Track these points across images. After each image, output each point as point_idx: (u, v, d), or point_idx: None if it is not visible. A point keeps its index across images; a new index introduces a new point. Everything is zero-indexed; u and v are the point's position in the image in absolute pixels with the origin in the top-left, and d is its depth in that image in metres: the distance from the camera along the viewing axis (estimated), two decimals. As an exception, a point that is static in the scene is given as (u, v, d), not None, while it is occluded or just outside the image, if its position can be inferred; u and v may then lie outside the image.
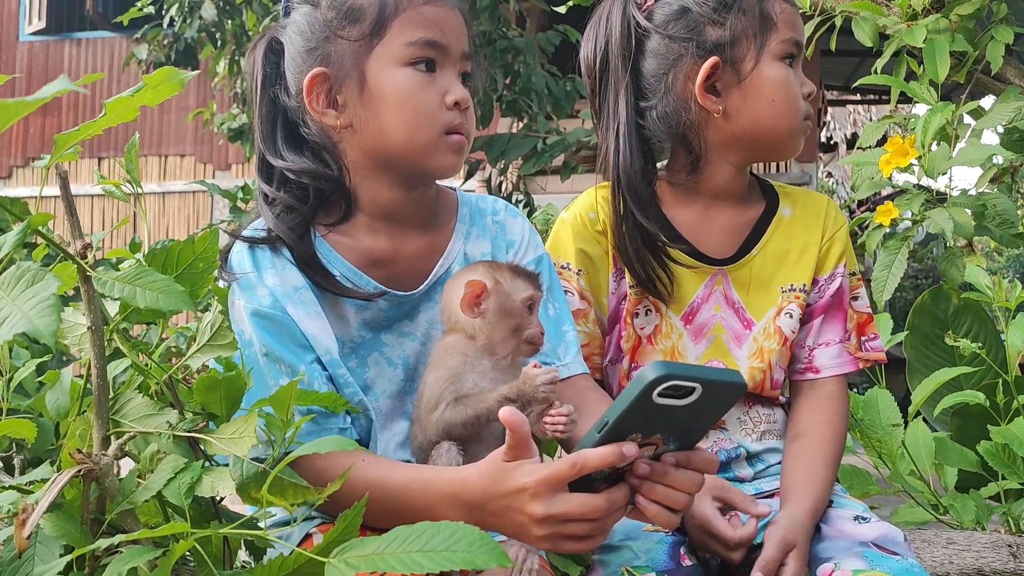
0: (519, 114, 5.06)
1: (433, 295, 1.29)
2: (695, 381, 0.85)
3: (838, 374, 1.43)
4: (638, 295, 1.40)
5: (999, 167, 2.21)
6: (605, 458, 0.88)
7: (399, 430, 1.26)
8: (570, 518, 0.91)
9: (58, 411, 0.98)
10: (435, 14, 1.20)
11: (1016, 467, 1.93)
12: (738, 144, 1.37)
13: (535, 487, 0.91)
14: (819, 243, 1.44)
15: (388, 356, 1.27)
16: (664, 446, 0.91)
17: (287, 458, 0.84)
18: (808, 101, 1.38)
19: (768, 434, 1.41)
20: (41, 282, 0.72)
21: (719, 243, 1.41)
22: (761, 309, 1.41)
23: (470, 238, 1.35)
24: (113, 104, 0.79)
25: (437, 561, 0.70)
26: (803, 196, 1.49)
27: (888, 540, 1.23)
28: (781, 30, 1.34)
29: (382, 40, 1.19)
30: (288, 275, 1.21)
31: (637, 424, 0.88)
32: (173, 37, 5.66)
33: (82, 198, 9.60)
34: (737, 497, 1.22)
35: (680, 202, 1.42)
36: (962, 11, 2.19)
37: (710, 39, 1.33)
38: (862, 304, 1.47)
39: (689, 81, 1.34)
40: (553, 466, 0.91)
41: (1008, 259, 12.55)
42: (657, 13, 1.37)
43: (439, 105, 1.20)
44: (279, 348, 1.14)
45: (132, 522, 0.86)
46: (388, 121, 1.21)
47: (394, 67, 1.19)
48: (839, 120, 13.65)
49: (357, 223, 1.27)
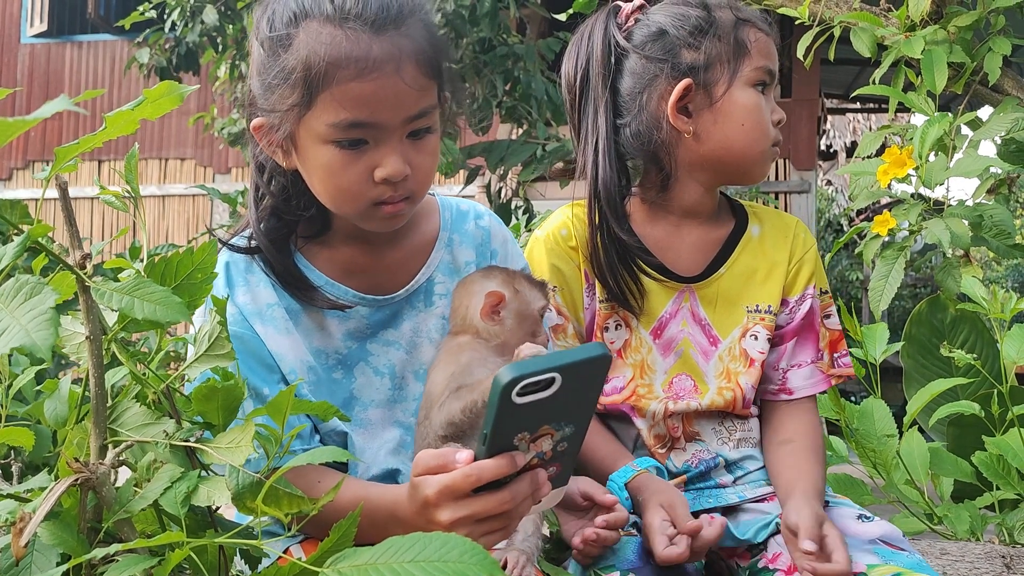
0: (519, 120, 5.08)
1: (415, 302, 1.31)
2: (550, 372, 0.84)
3: (811, 394, 1.45)
4: (608, 309, 1.42)
5: (996, 178, 2.21)
6: (500, 468, 0.90)
7: (389, 438, 1.27)
8: (480, 517, 0.93)
9: (56, 419, 0.99)
10: (364, 91, 1.09)
11: (1011, 478, 1.94)
12: (707, 165, 1.40)
13: (436, 498, 0.94)
14: (787, 264, 1.46)
15: (374, 366, 1.28)
16: (560, 432, 0.91)
17: (282, 468, 0.84)
18: (777, 128, 1.41)
19: (744, 442, 1.43)
20: (39, 295, 0.73)
21: (688, 261, 1.44)
22: (727, 327, 1.43)
23: (453, 245, 1.36)
24: (113, 118, 0.79)
25: (429, 571, 0.71)
26: (772, 216, 1.52)
27: (892, 537, 1.26)
28: (755, 57, 1.37)
29: (310, 112, 1.11)
30: (260, 292, 1.23)
31: (516, 426, 0.88)
32: (175, 41, 5.68)
33: (82, 201, 9.61)
34: (680, 516, 1.23)
35: (650, 219, 1.45)
36: (960, 22, 2.20)
37: (685, 61, 1.37)
38: (833, 322, 1.50)
39: (663, 101, 1.38)
40: (449, 477, 0.93)
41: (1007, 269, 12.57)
42: (636, 33, 1.41)
43: (366, 181, 1.14)
44: (244, 370, 1.14)
45: (129, 531, 0.86)
46: (317, 188, 1.19)
47: (319, 143, 1.13)
48: (839, 128, 13.67)
49: (335, 235, 1.28)
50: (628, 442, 1.42)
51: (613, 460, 1.35)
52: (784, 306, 1.46)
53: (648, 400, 1.40)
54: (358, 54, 1.08)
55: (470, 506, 0.93)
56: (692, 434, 1.41)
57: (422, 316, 1.31)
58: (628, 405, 1.40)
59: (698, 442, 1.41)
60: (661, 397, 1.40)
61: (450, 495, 0.93)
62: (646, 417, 1.40)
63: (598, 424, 1.42)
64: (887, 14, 2.35)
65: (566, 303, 1.43)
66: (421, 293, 1.32)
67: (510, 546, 1.13)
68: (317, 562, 0.78)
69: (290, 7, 1.12)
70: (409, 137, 1.15)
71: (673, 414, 1.40)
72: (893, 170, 2.05)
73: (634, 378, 1.41)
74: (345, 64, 1.08)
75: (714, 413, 1.42)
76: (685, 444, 1.41)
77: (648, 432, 1.40)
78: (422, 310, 1.31)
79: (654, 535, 1.21)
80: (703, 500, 1.38)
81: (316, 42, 1.09)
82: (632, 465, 1.32)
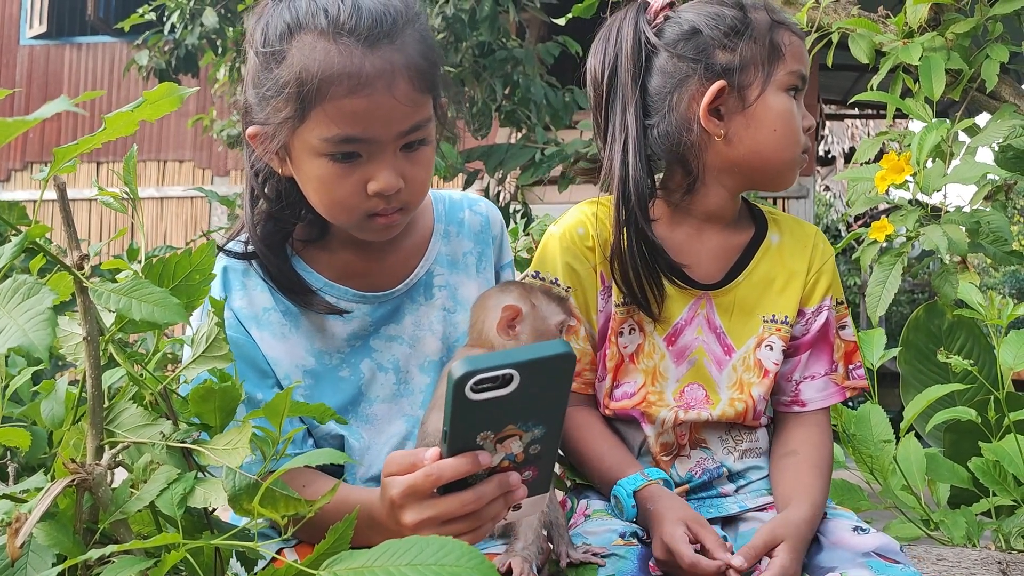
0: (518, 124, 5.08)
1: (415, 296, 1.32)
2: (505, 368, 0.81)
3: (824, 406, 1.43)
4: (624, 313, 1.40)
5: (993, 184, 2.22)
6: (460, 467, 0.88)
7: (396, 431, 1.28)
8: (444, 519, 0.91)
9: (53, 420, 0.99)
10: (357, 107, 1.09)
11: (1007, 484, 1.94)
12: (735, 169, 1.37)
13: (400, 499, 0.93)
14: (805, 274, 1.43)
15: (379, 362, 1.29)
16: (529, 434, 0.88)
17: (278, 471, 0.85)
18: (806, 135, 1.38)
19: (750, 453, 1.41)
20: (36, 295, 0.73)
21: (707, 267, 1.41)
22: (742, 337, 1.41)
23: (449, 236, 1.37)
24: (112, 119, 0.79)
25: (425, 575, 0.71)
26: (792, 224, 1.49)
27: (888, 550, 1.24)
28: (788, 62, 1.34)
29: (303, 125, 1.12)
30: (256, 296, 1.24)
31: (477, 424, 0.86)
32: (174, 43, 5.68)
33: (80, 202, 9.59)
34: (709, 537, 1.21)
35: (672, 222, 1.42)
36: (958, 29, 2.21)
37: (719, 63, 1.33)
38: (848, 333, 1.48)
39: (694, 102, 1.34)
40: (412, 477, 0.91)
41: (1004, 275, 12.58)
42: (667, 31, 1.37)
43: (359, 193, 1.15)
44: (239, 375, 1.15)
45: (125, 532, 0.86)
46: (311, 198, 1.20)
47: (312, 155, 1.14)
48: (837, 134, 13.68)
49: (332, 239, 1.29)
50: (633, 447, 1.40)
51: (620, 469, 1.33)
52: (800, 317, 1.43)
53: (658, 407, 1.38)
54: (351, 70, 1.08)
55: (435, 507, 0.91)
56: (698, 441, 1.40)
57: (423, 309, 1.32)
58: (638, 411, 1.38)
59: (703, 449, 1.40)
60: (672, 405, 1.38)
61: (413, 495, 0.92)
62: (655, 424, 1.38)
63: (606, 430, 1.40)
64: (885, 21, 2.36)
65: (579, 304, 1.40)
66: (421, 287, 1.33)
67: (511, 552, 1.12)
68: (313, 565, 0.78)
69: (284, 19, 1.12)
70: (403, 150, 1.15)
71: (682, 423, 1.38)
72: (891, 176, 2.05)
73: (645, 384, 1.39)
74: (338, 81, 1.08)
75: (722, 423, 1.39)
76: (690, 452, 1.39)
77: (655, 439, 1.38)
78: (423, 304, 1.32)
79: (678, 544, 1.18)
80: (704, 510, 1.36)
81: (309, 58, 1.09)
82: (643, 474, 1.30)
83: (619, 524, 1.29)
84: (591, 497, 1.40)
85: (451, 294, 1.35)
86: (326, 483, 1.16)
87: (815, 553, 1.27)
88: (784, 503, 1.31)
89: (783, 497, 1.33)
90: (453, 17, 4.66)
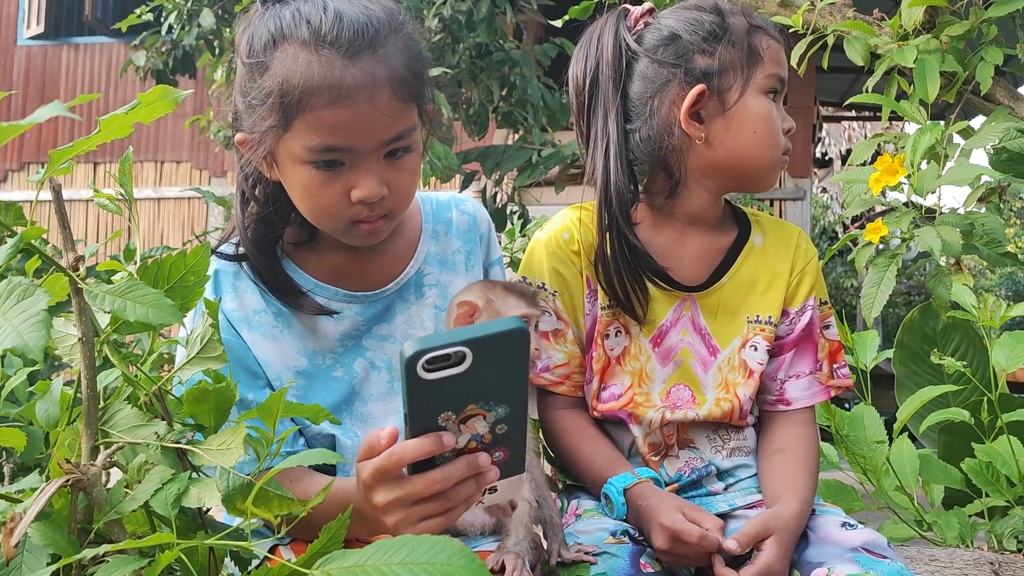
0: (514, 126, 5.08)
1: (406, 295, 1.33)
2: (455, 346, 0.81)
3: (809, 405, 1.45)
4: (610, 316, 1.41)
5: (988, 187, 2.22)
6: (422, 447, 0.88)
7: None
8: (413, 499, 0.91)
9: (48, 420, 0.99)
10: (338, 118, 1.10)
11: (1000, 485, 1.95)
12: (717, 172, 1.39)
13: (370, 480, 0.93)
14: (788, 274, 1.45)
15: (372, 361, 1.30)
16: (493, 413, 0.88)
17: (272, 471, 0.85)
18: (787, 136, 1.39)
19: (738, 451, 1.43)
20: (32, 297, 0.74)
21: (690, 269, 1.43)
22: (726, 337, 1.43)
23: (438, 236, 1.39)
24: (107, 121, 0.80)
25: (417, 574, 0.71)
26: (774, 225, 1.51)
27: (875, 545, 1.26)
28: (767, 65, 1.36)
29: (287, 134, 1.13)
30: (247, 299, 1.25)
31: (435, 404, 0.86)
32: (171, 44, 5.67)
33: (77, 203, 9.58)
34: (707, 520, 1.24)
35: (655, 225, 1.44)
36: (952, 32, 2.21)
37: (698, 67, 1.35)
38: (832, 333, 1.50)
39: (674, 107, 1.36)
40: (378, 459, 0.92)
41: (1000, 277, 12.60)
42: (647, 37, 1.39)
43: (343, 201, 1.16)
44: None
45: (119, 532, 0.87)
46: (297, 204, 1.21)
47: (296, 163, 1.15)
48: (834, 136, 13.70)
49: (322, 242, 1.30)
50: (622, 448, 1.42)
51: (610, 469, 1.35)
52: (784, 317, 1.45)
53: (645, 408, 1.39)
54: (331, 82, 1.09)
55: (402, 487, 0.91)
56: (686, 441, 1.41)
57: (414, 308, 1.33)
58: (625, 412, 1.40)
59: (691, 449, 1.41)
60: (658, 406, 1.40)
61: (381, 477, 0.92)
62: (642, 425, 1.39)
63: (595, 432, 1.41)
64: (880, 23, 2.36)
65: (566, 307, 1.42)
66: (411, 286, 1.34)
67: (503, 549, 1.13)
68: (306, 564, 0.79)
69: (268, 28, 1.14)
70: (387, 158, 1.16)
71: (669, 423, 1.40)
72: (885, 178, 2.06)
73: (632, 386, 1.40)
74: (318, 92, 1.09)
75: (709, 422, 1.41)
76: (678, 451, 1.41)
77: (643, 440, 1.40)
78: (413, 302, 1.34)
79: (682, 524, 1.20)
80: None
81: (291, 69, 1.10)
82: (633, 472, 1.32)
83: (610, 523, 1.30)
84: (582, 497, 1.42)
85: (441, 292, 1.36)
86: (315, 479, 1.17)
87: (803, 548, 1.29)
88: (773, 500, 1.33)
89: (772, 494, 1.34)
90: (450, 18, 4.66)
